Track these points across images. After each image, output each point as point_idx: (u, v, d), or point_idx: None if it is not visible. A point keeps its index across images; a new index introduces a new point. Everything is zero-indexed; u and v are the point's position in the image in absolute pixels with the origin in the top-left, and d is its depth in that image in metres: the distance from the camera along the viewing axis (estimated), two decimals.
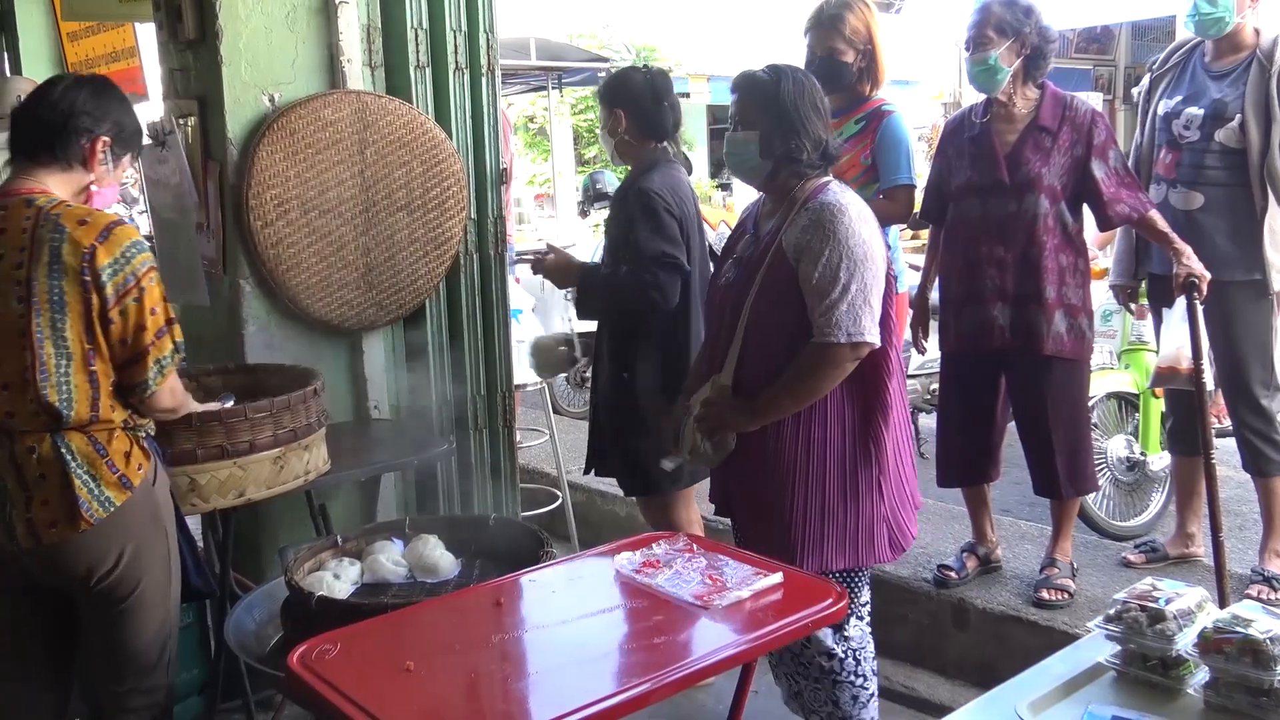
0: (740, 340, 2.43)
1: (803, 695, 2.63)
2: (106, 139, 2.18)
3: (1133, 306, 3.71)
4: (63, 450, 2.05)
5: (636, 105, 3.11)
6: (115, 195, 2.26)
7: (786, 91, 2.41)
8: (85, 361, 2.07)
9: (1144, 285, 3.55)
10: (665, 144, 3.15)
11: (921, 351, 3.59)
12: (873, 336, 2.35)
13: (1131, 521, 4.17)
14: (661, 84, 3.16)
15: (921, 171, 3.63)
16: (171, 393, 2.19)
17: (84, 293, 2.04)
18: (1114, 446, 4.24)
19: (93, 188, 2.19)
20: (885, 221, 3.38)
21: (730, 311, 2.48)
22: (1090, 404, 3.62)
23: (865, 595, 2.62)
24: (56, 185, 2.14)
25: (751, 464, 2.47)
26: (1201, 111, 3.18)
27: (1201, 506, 3.37)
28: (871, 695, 2.59)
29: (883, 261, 2.39)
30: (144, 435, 2.20)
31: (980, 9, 3.12)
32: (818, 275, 2.33)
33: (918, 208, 3.50)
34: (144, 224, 6.06)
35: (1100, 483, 3.88)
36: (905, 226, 5.77)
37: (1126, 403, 4.34)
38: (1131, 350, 4.43)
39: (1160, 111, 3.31)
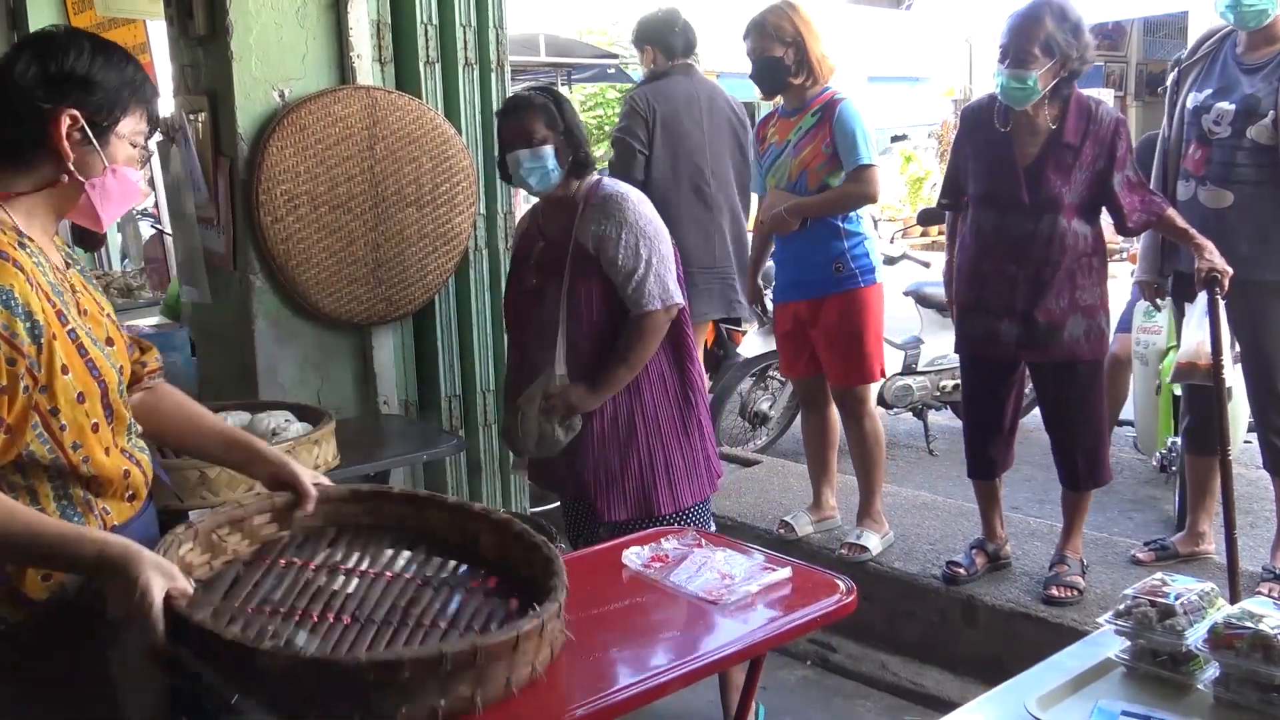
0: (564, 333, 2.66)
1: None
2: (74, 111, 1.53)
3: (1158, 303, 3.68)
4: None
5: (659, 37, 4.19)
6: (132, 181, 1.63)
7: (565, 107, 2.69)
8: None
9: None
10: (682, 60, 4.17)
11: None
12: (679, 297, 2.69)
13: None
14: (671, 17, 4.22)
15: (930, 167, 3.64)
16: None
17: None
18: None
19: (64, 178, 1.55)
20: (855, 204, 3.45)
21: (545, 311, 2.69)
22: None
23: (712, 525, 2.89)
24: (5, 188, 1.54)
25: (598, 437, 2.71)
26: (1233, 107, 3.06)
27: (1214, 505, 3.35)
28: None
29: (665, 231, 2.72)
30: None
31: (1026, 16, 2.97)
32: (621, 257, 2.63)
33: (924, 204, 3.49)
34: (144, 228, 6.10)
35: None
36: (915, 224, 5.79)
37: None
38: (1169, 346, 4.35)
39: (1189, 105, 3.18)
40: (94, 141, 1.55)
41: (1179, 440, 3.91)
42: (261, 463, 1.85)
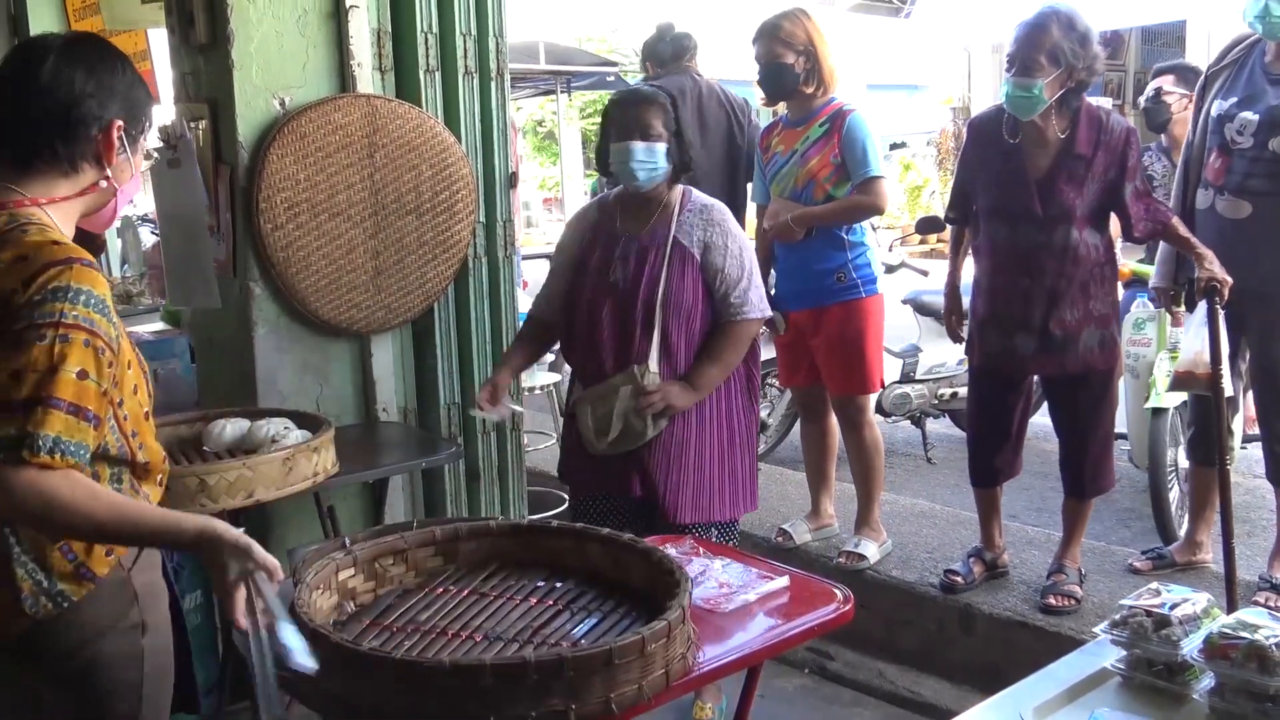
0: (660, 330, 2.70)
1: None
2: (120, 122, 1.63)
3: (1175, 310, 3.67)
4: (5, 531, 1.58)
5: (651, 52, 4.49)
6: (139, 186, 1.75)
7: (680, 107, 2.80)
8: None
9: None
10: (673, 65, 4.36)
11: (957, 341, 3.57)
12: (768, 309, 2.85)
13: None
14: (660, 31, 4.48)
15: (929, 175, 3.66)
16: (34, 492, 1.45)
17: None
18: None
19: (102, 183, 1.65)
20: (863, 215, 3.47)
21: (638, 307, 2.72)
22: None
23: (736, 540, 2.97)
24: (47, 193, 1.62)
25: (676, 438, 2.76)
26: (1256, 117, 3.01)
27: (1213, 515, 3.35)
28: None
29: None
30: None
31: (1035, 27, 2.97)
32: (728, 265, 2.74)
33: (930, 214, 3.49)
34: (144, 234, 6.10)
35: None
36: (913, 232, 5.80)
37: None
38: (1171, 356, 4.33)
39: (1213, 112, 3.13)
40: (127, 150, 1.67)
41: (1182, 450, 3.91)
42: None
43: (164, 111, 3.39)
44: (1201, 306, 3.07)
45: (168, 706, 1.78)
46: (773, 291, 3.73)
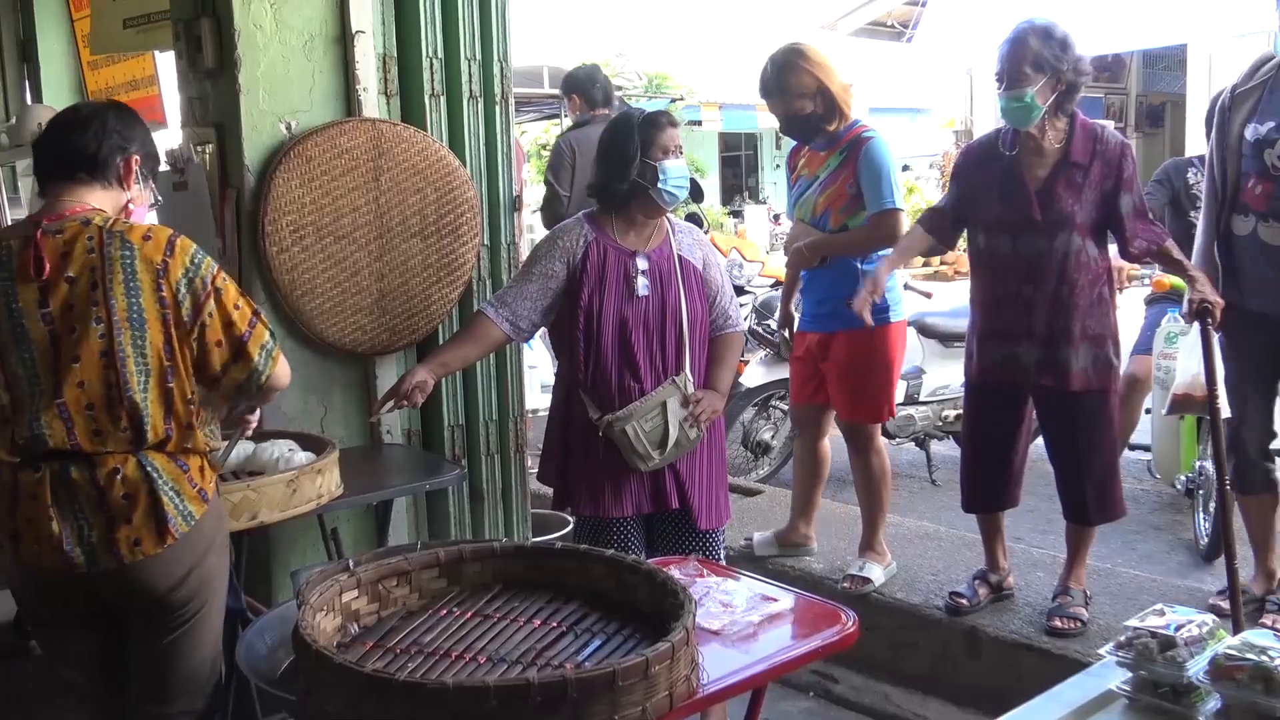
0: (690, 341, 2.83)
1: None
2: (138, 156, 2.20)
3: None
4: (148, 469, 2.05)
5: (583, 90, 4.84)
6: (146, 210, 2.31)
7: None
8: (163, 378, 2.07)
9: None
10: (603, 110, 4.71)
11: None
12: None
13: None
14: (590, 72, 4.99)
15: (931, 198, 3.66)
16: (286, 372, 2.23)
17: (161, 309, 2.06)
18: None
19: (130, 205, 2.21)
20: (876, 247, 3.41)
21: (667, 319, 2.82)
22: None
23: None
24: (102, 203, 2.14)
25: (702, 447, 2.89)
26: None
27: (1275, 541, 3.24)
28: None
29: None
30: (210, 450, 2.21)
31: (1014, 42, 3.04)
32: (720, 278, 2.96)
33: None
34: None
35: None
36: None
37: None
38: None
39: (1248, 136, 3.07)
40: (142, 180, 2.24)
41: (1206, 465, 3.86)
42: None
43: (171, 135, 3.42)
44: (1196, 329, 3.06)
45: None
46: (797, 314, 3.71)
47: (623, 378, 2.79)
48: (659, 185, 2.78)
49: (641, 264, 2.82)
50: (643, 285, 2.80)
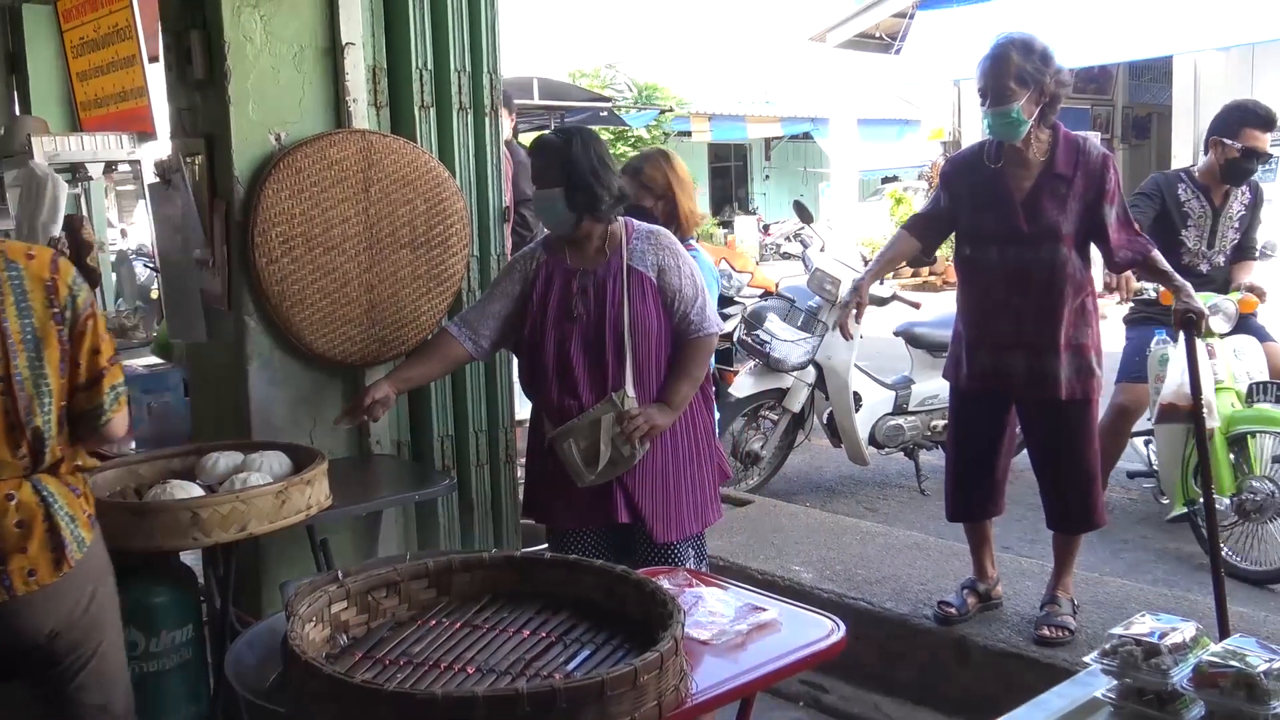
0: (632, 356, 2.78)
1: None
2: None
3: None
4: (44, 493, 1.97)
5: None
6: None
7: (577, 151, 2.78)
8: (61, 396, 2.01)
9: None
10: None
11: (847, 338, 3.53)
12: (722, 323, 2.99)
13: None
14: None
15: (919, 208, 3.64)
16: (125, 424, 2.12)
17: (58, 324, 2.00)
18: None
19: None
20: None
21: (606, 336, 2.79)
22: None
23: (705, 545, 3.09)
24: None
25: (655, 459, 2.84)
26: None
27: None
28: None
29: None
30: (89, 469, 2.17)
31: (995, 58, 3.06)
32: (683, 285, 2.84)
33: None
34: (139, 268, 6.12)
35: None
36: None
37: None
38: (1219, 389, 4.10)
39: None
40: None
41: (1255, 483, 3.84)
42: None
43: (161, 146, 3.43)
44: (1181, 340, 3.08)
45: None
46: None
47: (562, 396, 2.84)
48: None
49: (581, 282, 2.84)
50: (579, 305, 2.82)
